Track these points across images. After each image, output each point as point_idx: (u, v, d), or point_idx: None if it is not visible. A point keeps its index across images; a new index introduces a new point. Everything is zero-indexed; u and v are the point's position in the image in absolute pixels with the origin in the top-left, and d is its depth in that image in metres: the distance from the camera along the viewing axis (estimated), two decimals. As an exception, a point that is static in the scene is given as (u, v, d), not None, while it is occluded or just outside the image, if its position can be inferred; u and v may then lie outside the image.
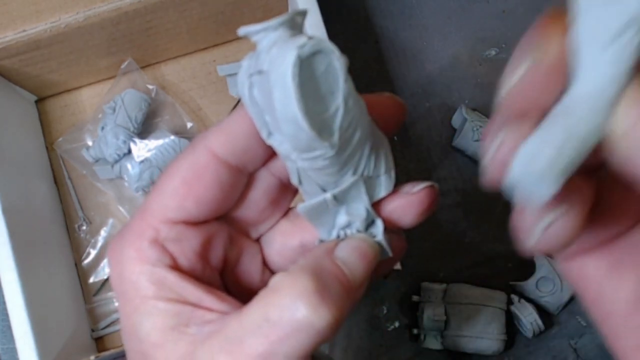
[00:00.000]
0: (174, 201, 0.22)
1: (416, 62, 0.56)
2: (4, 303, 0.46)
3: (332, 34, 0.45)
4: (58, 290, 0.49)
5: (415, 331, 0.50)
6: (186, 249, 0.23)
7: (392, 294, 0.52)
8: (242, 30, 0.20)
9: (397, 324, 0.52)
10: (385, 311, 0.52)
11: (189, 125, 0.54)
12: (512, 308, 0.49)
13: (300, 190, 0.24)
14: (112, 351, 0.48)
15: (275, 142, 0.21)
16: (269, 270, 0.27)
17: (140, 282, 0.22)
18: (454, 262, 0.52)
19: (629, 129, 0.13)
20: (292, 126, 0.19)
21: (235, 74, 0.54)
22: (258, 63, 0.20)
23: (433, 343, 0.50)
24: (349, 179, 0.22)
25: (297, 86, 0.18)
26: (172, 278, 0.22)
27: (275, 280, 0.21)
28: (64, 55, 0.50)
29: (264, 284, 0.26)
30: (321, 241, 0.24)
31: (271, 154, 0.23)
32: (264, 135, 0.21)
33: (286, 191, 0.25)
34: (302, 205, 0.23)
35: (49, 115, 0.56)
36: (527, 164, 0.16)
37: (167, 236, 0.22)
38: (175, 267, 0.23)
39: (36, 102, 0.56)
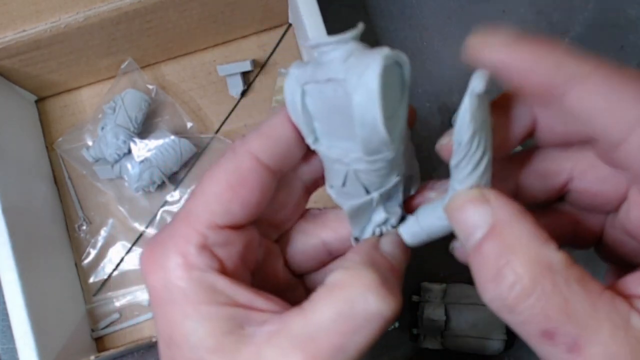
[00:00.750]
0: (220, 206, 0.23)
1: (416, 62, 0.56)
2: (4, 303, 0.46)
3: (332, 34, 0.45)
4: (58, 290, 0.49)
5: (415, 331, 0.50)
6: (232, 253, 0.23)
7: (392, 294, 0.52)
8: (314, 42, 0.21)
9: (397, 324, 0.52)
10: (385, 311, 0.52)
11: (189, 125, 0.54)
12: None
13: (334, 192, 0.25)
14: (112, 351, 0.48)
15: (322, 147, 0.23)
16: (288, 269, 0.28)
17: (190, 288, 0.22)
18: (454, 262, 0.52)
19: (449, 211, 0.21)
20: (368, 130, 0.21)
21: (235, 74, 0.54)
22: (321, 72, 0.21)
23: (433, 343, 0.50)
24: (393, 179, 0.24)
25: (381, 92, 0.20)
26: (223, 282, 0.22)
27: (336, 278, 0.22)
28: (64, 55, 0.50)
29: (286, 282, 0.27)
30: (356, 239, 0.26)
31: (302, 158, 0.25)
32: (309, 140, 0.23)
33: (306, 194, 0.27)
34: (349, 204, 0.25)
35: (49, 115, 0.56)
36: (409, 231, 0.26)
37: (215, 241, 0.23)
38: (224, 271, 0.23)
39: (36, 102, 0.56)
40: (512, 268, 0.18)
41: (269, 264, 0.26)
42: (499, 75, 0.20)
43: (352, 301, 0.21)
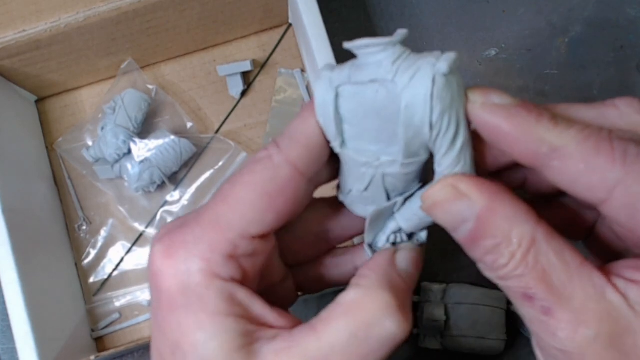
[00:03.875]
0: (256, 214, 0.22)
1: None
2: (4, 303, 0.46)
3: (332, 34, 0.45)
4: (58, 290, 0.49)
5: (415, 331, 0.50)
6: (257, 263, 0.23)
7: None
8: (361, 42, 0.21)
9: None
10: (385, 311, 0.52)
11: (189, 125, 0.54)
12: (512, 308, 0.49)
13: (351, 197, 0.25)
14: (112, 351, 0.48)
15: (350, 150, 0.23)
16: (281, 260, 0.28)
17: (209, 297, 0.21)
18: (454, 262, 0.52)
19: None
20: (413, 132, 0.21)
21: (235, 74, 0.54)
22: (363, 73, 0.21)
23: (433, 343, 0.50)
24: (416, 185, 0.24)
25: (433, 95, 0.20)
26: (242, 294, 0.22)
27: (350, 297, 0.22)
28: (64, 55, 0.50)
29: (279, 274, 0.27)
30: (369, 245, 0.26)
31: None
32: (336, 143, 0.23)
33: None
34: (374, 209, 0.25)
35: (49, 115, 0.56)
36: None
37: (245, 251, 0.22)
38: (245, 282, 0.22)
39: (36, 102, 0.56)
40: (505, 250, 0.20)
41: (269, 258, 0.26)
42: (488, 134, 0.21)
43: (368, 324, 0.21)
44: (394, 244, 0.26)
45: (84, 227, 0.54)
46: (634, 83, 0.55)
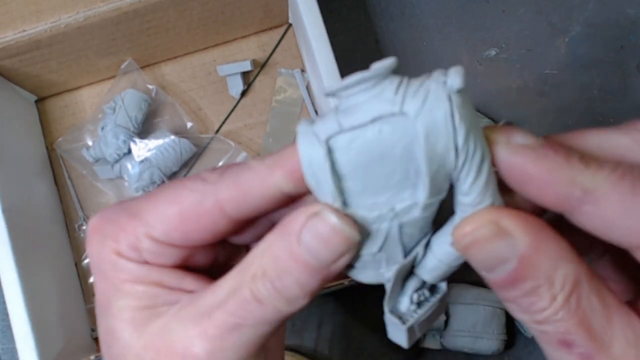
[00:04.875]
0: (162, 226, 0.22)
1: (416, 62, 0.56)
2: (4, 303, 0.46)
3: (332, 34, 0.45)
4: (58, 290, 0.49)
5: (415, 331, 0.50)
6: (164, 260, 0.23)
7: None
8: (343, 83, 0.19)
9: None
10: (385, 311, 0.52)
11: (189, 125, 0.54)
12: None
13: (360, 265, 0.22)
14: (112, 351, 0.48)
15: (357, 209, 0.20)
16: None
17: (118, 265, 0.23)
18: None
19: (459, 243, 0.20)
20: (438, 161, 0.18)
21: (235, 74, 0.54)
22: (358, 115, 0.18)
23: (433, 343, 0.50)
24: (430, 229, 0.21)
25: (454, 111, 0.18)
26: (147, 269, 0.23)
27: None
28: (64, 55, 0.50)
29: (230, 250, 0.26)
30: (391, 312, 0.23)
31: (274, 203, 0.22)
32: (336, 205, 0.20)
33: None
34: (398, 268, 0.21)
35: (49, 115, 0.56)
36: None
37: (147, 248, 0.22)
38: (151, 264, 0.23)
39: (36, 102, 0.56)
40: (546, 292, 0.19)
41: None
42: (514, 178, 0.20)
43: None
44: (418, 304, 0.23)
45: (84, 227, 0.54)
46: (634, 83, 0.55)
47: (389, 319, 0.23)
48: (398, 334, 0.23)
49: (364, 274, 0.22)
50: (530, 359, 0.51)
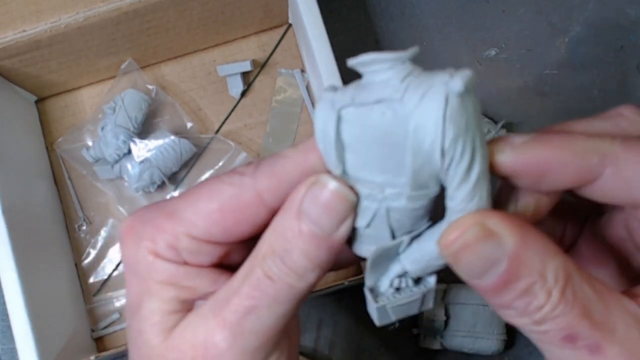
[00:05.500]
0: (203, 223, 0.22)
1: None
2: (4, 303, 0.46)
3: (332, 34, 0.45)
4: (58, 290, 0.49)
5: (415, 331, 0.50)
6: (203, 259, 0.23)
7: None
8: (366, 58, 0.19)
9: (397, 324, 0.52)
10: (385, 311, 0.52)
11: (189, 125, 0.54)
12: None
13: (355, 238, 0.23)
14: (112, 351, 0.48)
15: (351, 180, 0.21)
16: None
17: (155, 266, 0.23)
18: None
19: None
20: (422, 158, 0.19)
21: (235, 74, 0.54)
22: (368, 93, 0.19)
23: (433, 343, 0.50)
24: (424, 224, 0.22)
25: (447, 116, 0.18)
26: (183, 270, 0.23)
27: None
28: (64, 55, 0.50)
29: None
30: (370, 290, 0.23)
31: None
32: (337, 172, 0.21)
33: None
34: (376, 248, 0.22)
35: (49, 115, 0.56)
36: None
37: (186, 247, 0.23)
38: (197, 262, 0.23)
39: (36, 102, 0.56)
40: (540, 289, 0.18)
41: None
42: (530, 174, 0.20)
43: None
44: (397, 289, 0.23)
45: (84, 227, 0.54)
46: (634, 83, 0.55)
47: (366, 294, 0.23)
48: (371, 310, 0.24)
49: (357, 246, 0.23)
50: (530, 359, 0.51)
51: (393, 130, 0.19)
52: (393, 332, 0.52)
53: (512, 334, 0.50)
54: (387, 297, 0.23)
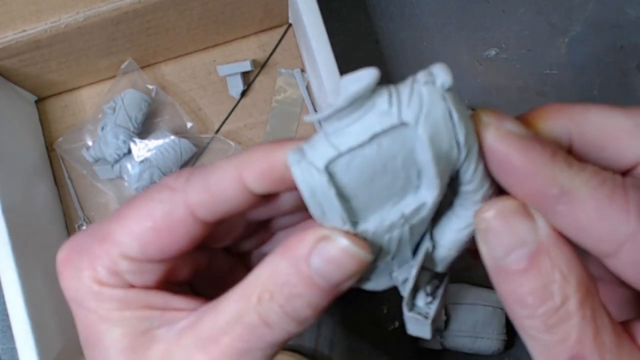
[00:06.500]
0: (136, 244, 0.21)
1: (416, 62, 0.56)
2: (4, 303, 0.46)
3: (332, 34, 0.45)
4: (58, 290, 0.49)
5: (415, 331, 0.50)
6: (147, 278, 0.22)
7: (392, 294, 0.52)
8: (328, 112, 0.18)
9: (397, 324, 0.52)
10: (385, 311, 0.52)
11: (189, 125, 0.54)
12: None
13: (372, 277, 0.22)
14: (112, 351, 0.47)
15: (369, 224, 0.20)
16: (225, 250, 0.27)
17: (102, 295, 0.22)
18: (454, 263, 0.52)
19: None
20: (445, 160, 0.19)
21: (235, 74, 0.54)
22: (352, 137, 0.18)
23: (433, 343, 0.50)
24: (429, 228, 0.22)
25: (452, 113, 0.18)
26: (133, 293, 0.22)
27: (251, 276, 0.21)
28: (64, 55, 0.50)
29: (225, 264, 0.26)
30: (410, 310, 0.23)
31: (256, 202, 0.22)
32: (346, 226, 0.19)
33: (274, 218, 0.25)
34: (401, 273, 0.22)
35: (49, 115, 0.56)
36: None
37: (127, 269, 0.22)
38: (136, 285, 0.22)
39: (36, 102, 0.56)
40: (559, 289, 0.18)
41: (234, 273, 0.26)
42: (496, 163, 0.19)
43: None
44: (433, 295, 0.23)
45: (84, 227, 0.54)
46: (634, 83, 0.55)
47: (411, 317, 0.22)
48: (421, 329, 0.23)
49: (377, 283, 0.22)
50: (530, 359, 0.51)
51: (394, 154, 0.18)
52: (393, 332, 0.52)
53: (512, 334, 0.50)
54: (428, 307, 0.23)
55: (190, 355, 0.20)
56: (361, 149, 0.18)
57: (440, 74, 0.18)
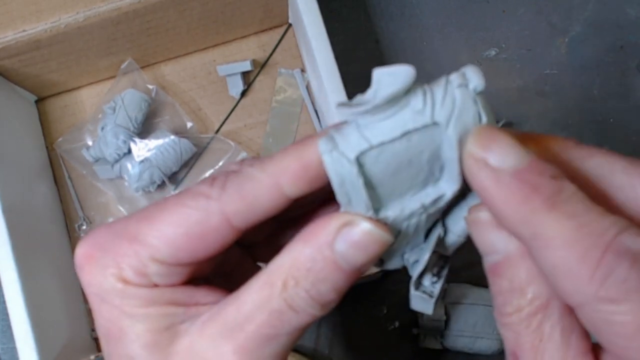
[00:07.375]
0: (168, 248, 0.22)
1: (416, 62, 0.56)
2: (4, 303, 0.46)
3: (332, 34, 0.45)
4: (58, 290, 0.49)
5: (415, 331, 0.50)
6: (174, 279, 0.23)
7: (392, 294, 0.52)
8: (366, 106, 0.19)
9: (397, 324, 0.52)
10: (385, 311, 0.52)
11: (189, 125, 0.54)
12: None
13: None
14: (112, 351, 0.48)
15: (390, 211, 0.21)
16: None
17: (127, 293, 0.22)
18: (454, 262, 0.52)
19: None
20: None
21: (235, 74, 0.54)
22: (385, 131, 0.19)
23: (433, 343, 0.50)
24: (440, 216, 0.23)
25: (481, 118, 0.19)
26: (157, 291, 0.22)
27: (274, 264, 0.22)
28: (64, 55, 0.50)
29: (234, 257, 0.27)
30: (416, 289, 0.24)
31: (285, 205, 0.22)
32: (370, 213, 0.20)
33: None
34: (411, 255, 0.23)
35: (49, 115, 0.56)
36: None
37: (155, 272, 0.22)
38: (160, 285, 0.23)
39: (36, 102, 0.56)
40: (515, 300, 0.20)
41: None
42: (476, 189, 0.20)
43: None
44: (438, 275, 0.24)
45: (84, 227, 0.54)
46: (634, 83, 0.55)
47: (417, 296, 0.24)
48: (425, 306, 0.24)
49: (390, 263, 0.24)
50: (530, 359, 0.51)
51: (422, 150, 0.19)
52: (393, 332, 0.52)
53: (512, 334, 0.50)
54: (433, 286, 0.24)
55: (217, 345, 0.21)
56: (392, 143, 0.19)
57: (473, 78, 0.19)
